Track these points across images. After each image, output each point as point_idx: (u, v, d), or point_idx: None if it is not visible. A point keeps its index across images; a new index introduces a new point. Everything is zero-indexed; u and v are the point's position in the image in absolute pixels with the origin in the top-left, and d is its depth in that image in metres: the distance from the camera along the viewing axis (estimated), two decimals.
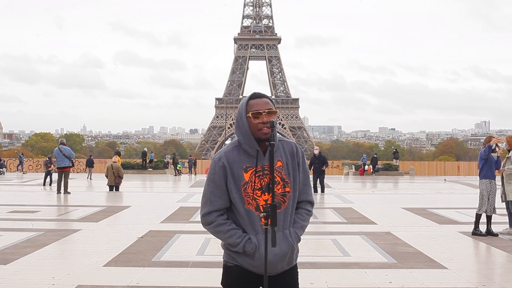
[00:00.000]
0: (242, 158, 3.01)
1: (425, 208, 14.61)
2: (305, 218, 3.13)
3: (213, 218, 3.04)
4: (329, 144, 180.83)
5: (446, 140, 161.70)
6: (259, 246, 2.97)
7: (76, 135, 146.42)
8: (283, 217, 3.01)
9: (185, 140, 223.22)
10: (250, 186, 2.98)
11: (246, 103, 3.04)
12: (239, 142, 3.06)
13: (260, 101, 3.02)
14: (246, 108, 3.02)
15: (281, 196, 3.02)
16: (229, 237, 3.01)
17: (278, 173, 3.02)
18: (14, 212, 13.20)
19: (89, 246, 8.73)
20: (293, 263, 3.12)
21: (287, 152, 3.08)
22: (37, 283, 6.29)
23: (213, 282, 6.34)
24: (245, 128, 3.00)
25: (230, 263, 3.07)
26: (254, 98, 3.05)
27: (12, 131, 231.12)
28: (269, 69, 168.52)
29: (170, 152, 64.62)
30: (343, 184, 29.25)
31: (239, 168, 3.00)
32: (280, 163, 3.04)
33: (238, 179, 3.00)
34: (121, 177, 20.06)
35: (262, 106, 3.00)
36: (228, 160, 3.02)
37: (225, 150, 3.07)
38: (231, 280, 3.06)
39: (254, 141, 2.99)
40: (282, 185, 3.02)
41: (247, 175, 2.99)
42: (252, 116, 2.98)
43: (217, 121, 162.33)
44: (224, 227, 3.03)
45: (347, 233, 10.09)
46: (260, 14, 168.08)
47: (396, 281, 6.54)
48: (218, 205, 3.04)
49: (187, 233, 10.05)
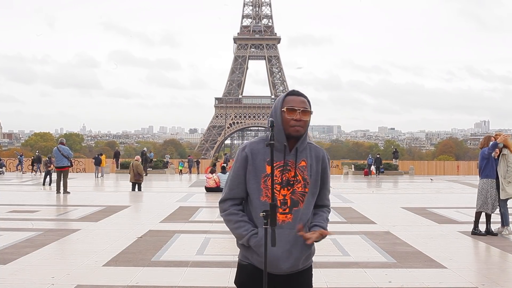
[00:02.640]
0: (267, 151, 3.00)
1: (425, 207, 14.61)
2: (327, 216, 3.18)
3: (227, 207, 3.07)
4: (329, 143, 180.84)
5: (445, 140, 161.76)
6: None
7: (75, 135, 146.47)
8: (300, 216, 3.00)
9: (184, 140, 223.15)
10: (271, 179, 2.96)
11: (283, 98, 3.05)
12: (267, 136, 3.07)
13: (297, 98, 3.03)
14: (282, 103, 3.03)
15: (300, 195, 3.01)
16: (237, 228, 3.02)
17: (301, 172, 3.02)
18: (14, 212, 13.19)
19: (88, 246, 8.72)
20: (307, 263, 3.10)
21: (313, 155, 3.07)
22: (37, 283, 6.28)
23: (213, 282, 6.34)
24: (278, 122, 3.01)
25: (244, 261, 3.07)
26: (292, 95, 3.06)
27: (11, 131, 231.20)
28: (268, 69, 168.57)
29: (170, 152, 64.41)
30: (343, 184, 29.24)
31: (262, 160, 3.00)
32: (304, 163, 3.03)
33: (259, 171, 3.00)
34: (141, 174, 21.10)
35: (298, 103, 3.01)
36: (252, 150, 3.04)
37: (252, 141, 3.10)
38: (244, 279, 3.06)
39: (284, 136, 3.00)
40: (303, 185, 3.01)
41: (269, 168, 2.97)
42: (287, 111, 2.99)
43: (217, 121, 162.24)
44: (234, 217, 3.05)
45: (346, 233, 10.09)
46: (260, 14, 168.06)
47: (396, 280, 6.54)
48: (233, 193, 3.06)
49: (187, 233, 10.04)
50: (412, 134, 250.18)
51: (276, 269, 2.99)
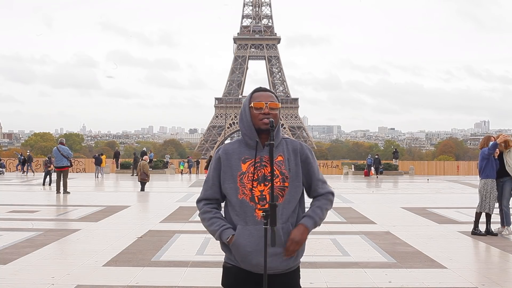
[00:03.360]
0: (242, 150, 3.08)
1: (425, 207, 14.61)
2: (323, 203, 3.10)
3: (201, 206, 3.15)
4: (329, 143, 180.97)
5: (445, 140, 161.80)
6: (238, 238, 2.97)
7: (75, 135, 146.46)
8: (280, 212, 2.99)
9: (184, 140, 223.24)
10: (247, 176, 3.01)
11: (250, 95, 3.13)
12: (242, 136, 3.12)
13: (264, 94, 3.10)
14: (250, 100, 3.10)
15: (280, 189, 3.02)
16: (210, 224, 3.09)
17: (278, 167, 3.03)
18: (14, 212, 13.19)
19: (88, 246, 8.72)
20: (294, 264, 3.07)
21: (290, 149, 3.10)
22: (37, 283, 6.28)
23: (213, 282, 6.34)
24: (247, 119, 3.07)
25: (228, 263, 3.10)
26: (258, 91, 3.13)
27: (11, 131, 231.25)
28: (268, 69, 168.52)
29: (170, 152, 64.37)
30: (343, 184, 29.24)
31: (237, 159, 3.06)
32: (281, 158, 3.06)
33: (235, 170, 3.04)
34: (146, 173, 21.34)
35: (265, 98, 3.07)
36: (227, 151, 3.10)
37: (227, 143, 3.17)
38: (229, 280, 3.08)
39: (255, 132, 3.04)
40: (281, 179, 3.03)
41: (245, 166, 3.03)
42: (254, 106, 3.05)
43: (217, 121, 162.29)
44: (207, 214, 3.12)
45: (346, 233, 10.09)
46: (260, 14, 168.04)
47: (396, 280, 6.54)
48: (207, 194, 3.14)
49: (187, 233, 10.04)
50: (412, 134, 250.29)
51: (249, 266, 2.99)
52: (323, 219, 3.12)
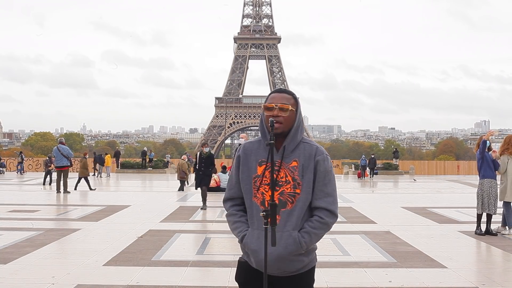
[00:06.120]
0: (260, 151, 2.97)
1: (425, 207, 14.61)
2: (315, 226, 2.95)
3: (227, 207, 3.09)
4: (329, 143, 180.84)
5: (446, 140, 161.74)
6: (250, 242, 2.94)
7: (76, 135, 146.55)
8: (286, 218, 2.91)
9: (185, 140, 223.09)
10: (260, 180, 2.93)
11: (267, 96, 3.01)
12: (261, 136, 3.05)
13: (278, 95, 2.95)
14: (265, 102, 2.99)
15: (289, 196, 2.92)
16: (234, 229, 3.04)
17: (291, 173, 2.93)
18: (14, 212, 13.19)
19: (88, 246, 8.72)
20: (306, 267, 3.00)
21: (307, 154, 2.94)
22: (37, 283, 6.28)
23: (213, 281, 6.34)
24: (262, 121, 2.99)
25: (242, 259, 3.07)
26: (275, 92, 3.00)
27: (12, 131, 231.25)
28: (269, 69, 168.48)
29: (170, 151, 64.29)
30: (343, 184, 29.23)
31: (254, 161, 2.97)
32: (296, 163, 2.94)
33: (252, 171, 2.97)
34: (185, 172, 21.85)
35: (278, 100, 2.93)
36: (246, 151, 3.02)
37: (248, 141, 3.08)
38: (240, 275, 3.07)
39: (267, 134, 2.93)
40: (292, 185, 2.92)
41: (261, 169, 2.94)
42: (265, 107, 2.94)
43: (217, 121, 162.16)
44: (232, 217, 3.05)
45: (346, 233, 10.08)
46: (260, 14, 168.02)
47: (396, 280, 6.54)
48: (231, 193, 3.07)
49: (187, 233, 10.04)
50: (412, 134, 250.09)
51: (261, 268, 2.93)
52: (309, 245, 2.96)
